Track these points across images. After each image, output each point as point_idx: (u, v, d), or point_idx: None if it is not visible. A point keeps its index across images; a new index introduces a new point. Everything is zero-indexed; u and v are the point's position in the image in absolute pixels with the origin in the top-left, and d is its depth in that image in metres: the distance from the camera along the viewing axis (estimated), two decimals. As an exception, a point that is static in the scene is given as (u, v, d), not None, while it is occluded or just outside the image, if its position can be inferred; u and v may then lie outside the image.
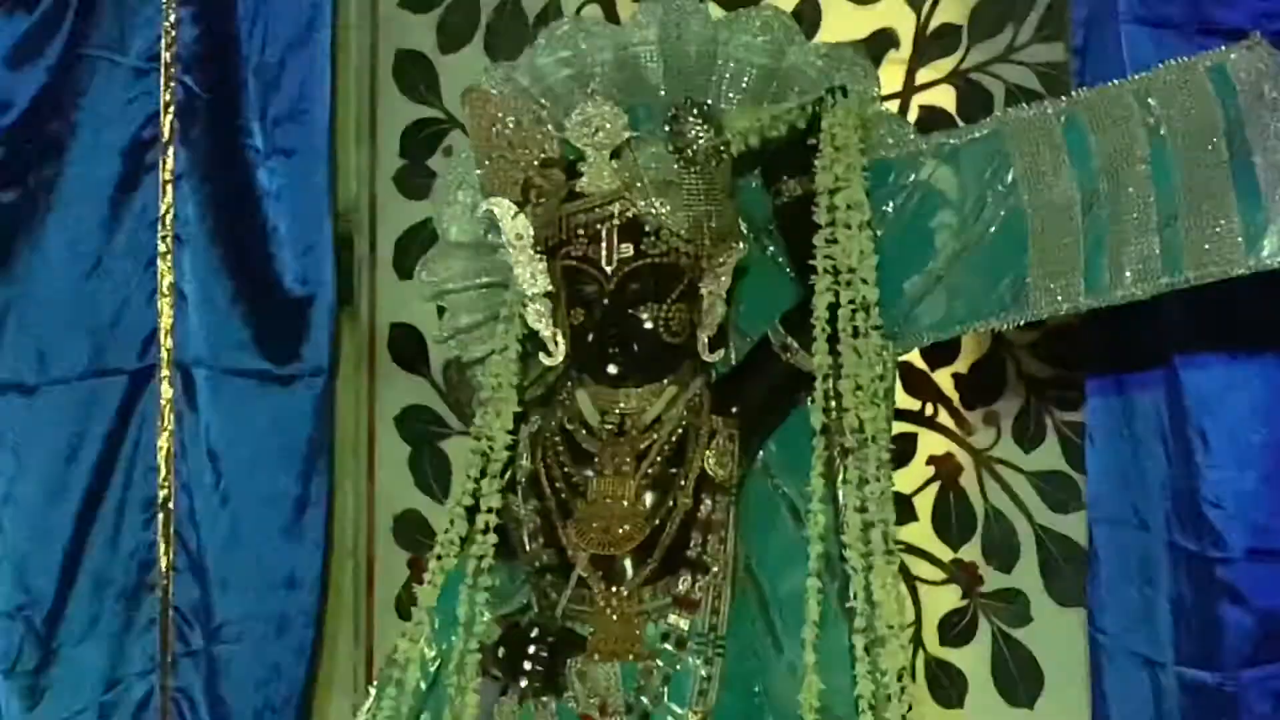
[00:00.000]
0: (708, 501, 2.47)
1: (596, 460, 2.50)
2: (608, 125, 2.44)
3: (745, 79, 2.57)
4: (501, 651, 2.48)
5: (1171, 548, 2.71)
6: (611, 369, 2.48)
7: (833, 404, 2.42)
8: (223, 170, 2.93)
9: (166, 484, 2.95)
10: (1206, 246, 2.35)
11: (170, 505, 2.95)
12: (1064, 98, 2.49)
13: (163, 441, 2.95)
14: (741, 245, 2.53)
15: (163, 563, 2.95)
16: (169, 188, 2.92)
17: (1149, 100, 2.40)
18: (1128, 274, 2.39)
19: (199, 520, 2.95)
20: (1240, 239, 2.34)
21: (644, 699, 2.45)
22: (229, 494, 2.96)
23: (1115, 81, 2.48)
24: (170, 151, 2.92)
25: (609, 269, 2.44)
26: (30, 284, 2.92)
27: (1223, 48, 2.40)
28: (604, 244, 2.45)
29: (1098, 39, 2.70)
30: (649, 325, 2.46)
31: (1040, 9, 2.97)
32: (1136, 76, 2.46)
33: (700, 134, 2.44)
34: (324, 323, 2.93)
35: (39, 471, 2.95)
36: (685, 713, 2.45)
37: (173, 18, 2.89)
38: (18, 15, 2.88)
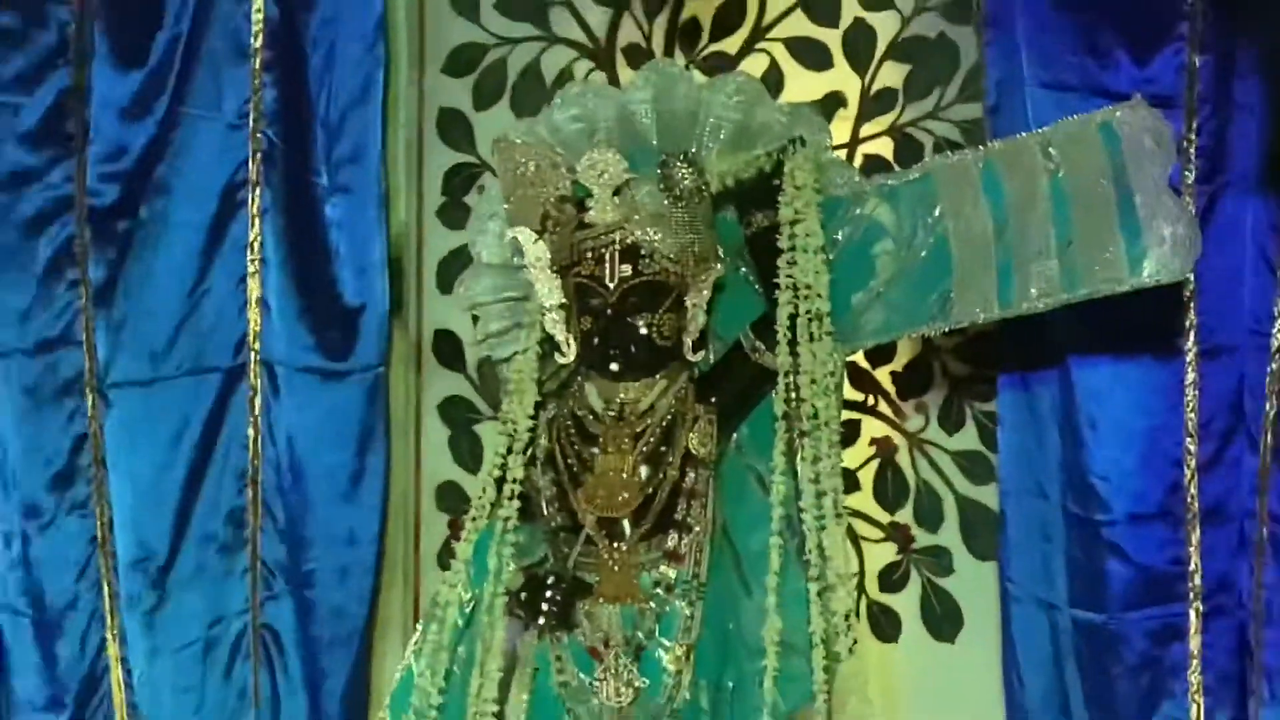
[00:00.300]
0: (691, 474, 2.53)
1: (601, 440, 2.55)
2: (611, 168, 2.51)
3: (722, 131, 2.60)
4: (524, 596, 2.54)
5: (1066, 513, 2.75)
6: (613, 366, 2.53)
7: (792, 395, 2.47)
8: (296, 206, 2.93)
9: (255, 460, 2.97)
10: (1096, 268, 2.41)
11: (258, 477, 2.97)
12: (981, 147, 2.54)
13: (251, 426, 2.97)
14: (719, 266, 2.57)
15: (252, 524, 2.98)
16: (256, 220, 2.94)
17: (1050, 149, 2.45)
18: (1032, 290, 2.45)
19: (281, 489, 2.96)
20: (1124, 262, 2.40)
21: (639, 634, 2.52)
22: (302, 468, 2.96)
23: (1022, 134, 2.54)
24: (256, 191, 2.93)
25: (611, 285, 2.50)
26: (144, 299, 2.92)
27: (1109, 107, 2.45)
28: (607, 265, 2.51)
29: (1009, 100, 2.74)
30: (644, 331, 2.52)
31: (962, 75, 2.99)
32: (1040, 130, 2.51)
33: (686, 176, 2.51)
34: (373, 328, 2.93)
35: (153, 450, 2.95)
36: (673, 645, 2.51)
37: (257, 82, 2.92)
38: (129, 74, 2.91)
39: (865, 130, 3.03)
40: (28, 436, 2.99)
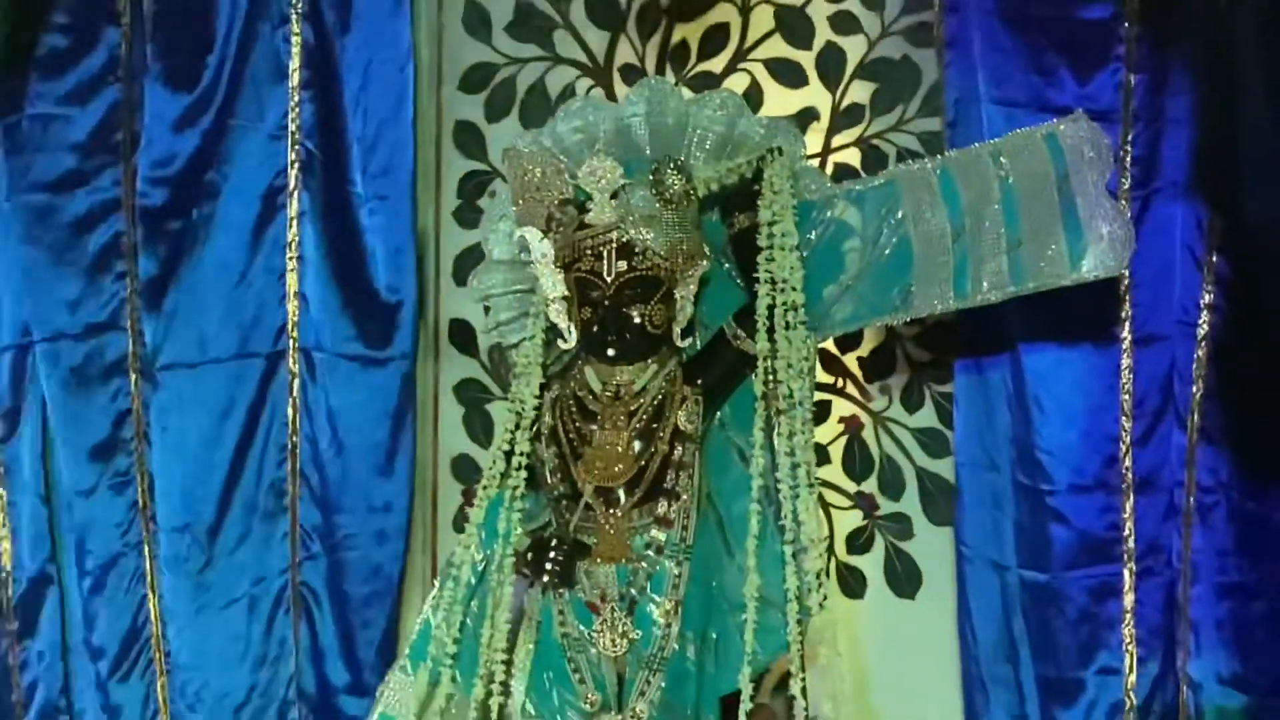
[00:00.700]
0: (680, 448, 2.55)
1: (599, 418, 2.58)
2: (608, 175, 2.53)
3: (708, 142, 2.63)
4: (530, 556, 2.56)
5: (1014, 483, 2.78)
6: (610, 352, 2.56)
7: (770, 377, 2.50)
8: (335, 210, 2.95)
9: (293, 436, 2.99)
10: (1042, 264, 2.46)
11: (296, 452, 3.00)
12: (939, 156, 2.57)
13: (290, 406, 2.99)
14: (705, 262, 2.60)
15: (291, 493, 3.00)
16: (294, 222, 2.97)
17: (1001, 159, 2.50)
18: (985, 284, 2.50)
19: (320, 462, 2.98)
20: (1066, 259, 2.46)
21: (633, 591, 2.55)
22: (343, 444, 2.99)
23: (977, 145, 2.56)
24: (295, 196, 2.96)
25: (609, 279, 2.52)
26: (193, 291, 2.95)
27: (1054, 120, 2.49)
28: (605, 261, 2.53)
29: (965, 114, 2.76)
30: (637, 320, 2.54)
31: (922, 93, 2.99)
32: (992, 141, 2.55)
33: (675, 182, 2.51)
34: (408, 320, 2.96)
35: (201, 426, 2.97)
36: (663, 600, 2.53)
37: (296, 99, 2.95)
38: (180, 93, 2.94)
39: (835, 141, 3.02)
40: (74, 412, 3.01)
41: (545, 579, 2.59)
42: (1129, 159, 2.71)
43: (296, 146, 2.98)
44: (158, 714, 3.02)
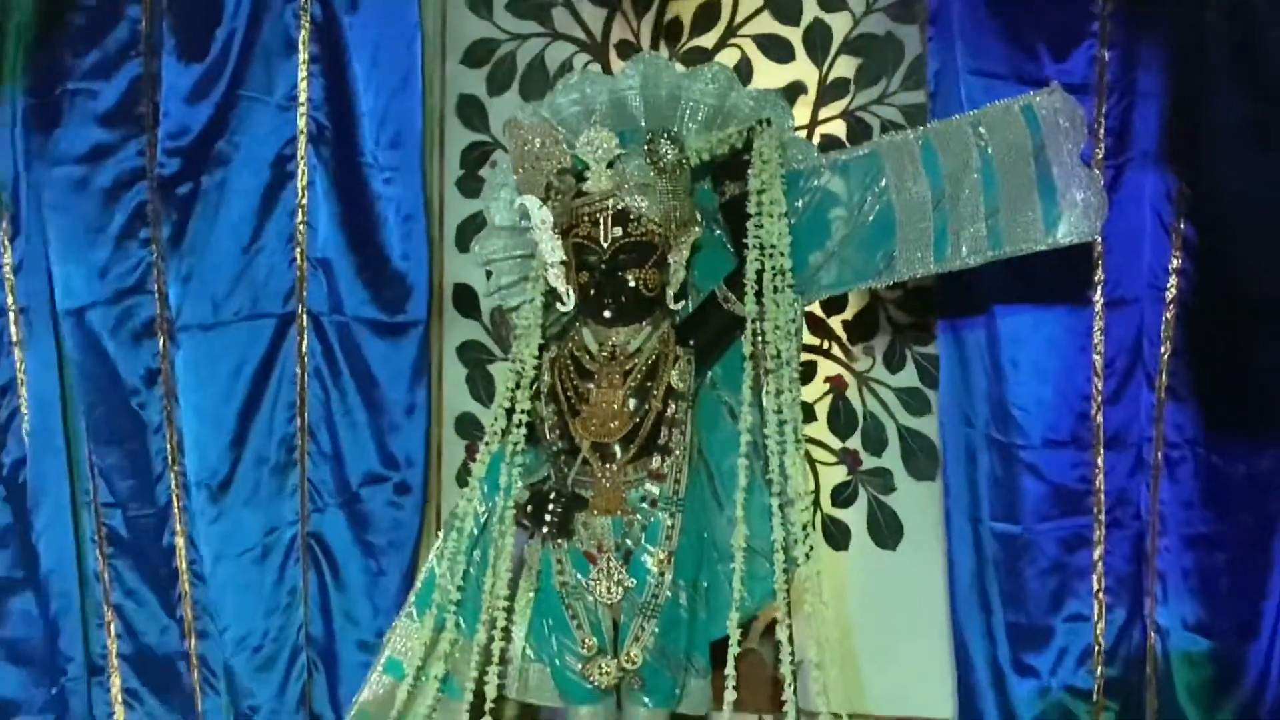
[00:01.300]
0: (672, 405, 2.50)
1: (596, 377, 2.53)
2: (604, 145, 2.47)
3: (700, 114, 2.58)
4: (529, 508, 2.52)
5: (989, 439, 2.76)
6: (606, 314, 2.50)
7: (759, 339, 2.45)
8: (347, 180, 2.94)
9: (302, 394, 2.97)
10: (1018, 230, 2.41)
11: (305, 409, 2.98)
12: (921, 127, 2.52)
13: (299, 364, 2.97)
14: (697, 229, 2.55)
15: (300, 448, 2.98)
16: (303, 190, 2.94)
17: (980, 129, 2.44)
18: (964, 249, 2.45)
19: (333, 420, 2.98)
20: (1042, 225, 2.41)
21: (628, 541, 2.50)
22: (360, 402, 2.98)
23: (957, 116, 2.52)
24: (303, 164, 2.94)
25: (605, 245, 2.47)
26: (207, 254, 2.94)
27: (1031, 92, 2.44)
28: (601, 227, 2.47)
29: (945, 87, 2.73)
30: (632, 284, 2.49)
31: (905, 67, 2.98)
32: (972, 112, 2.49)
33: (669, 152, 2.47)
34: (421, 286, 2.94)
35: (215, 384, 2.96)
36: (656, 550, 2.49)
37: (305, 72, 2.92)
38: (192, 65, 2.91)
39: (822, 114, 3.00)
40: (109, 373, 3.00)
41: (544, 530, 2.55)
42: (1102, 130, 2.69)
43: (305, 118, 2.95)
44: (188, 653, 3.05)
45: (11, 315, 3.02)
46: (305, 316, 2.97)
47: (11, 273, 3.03)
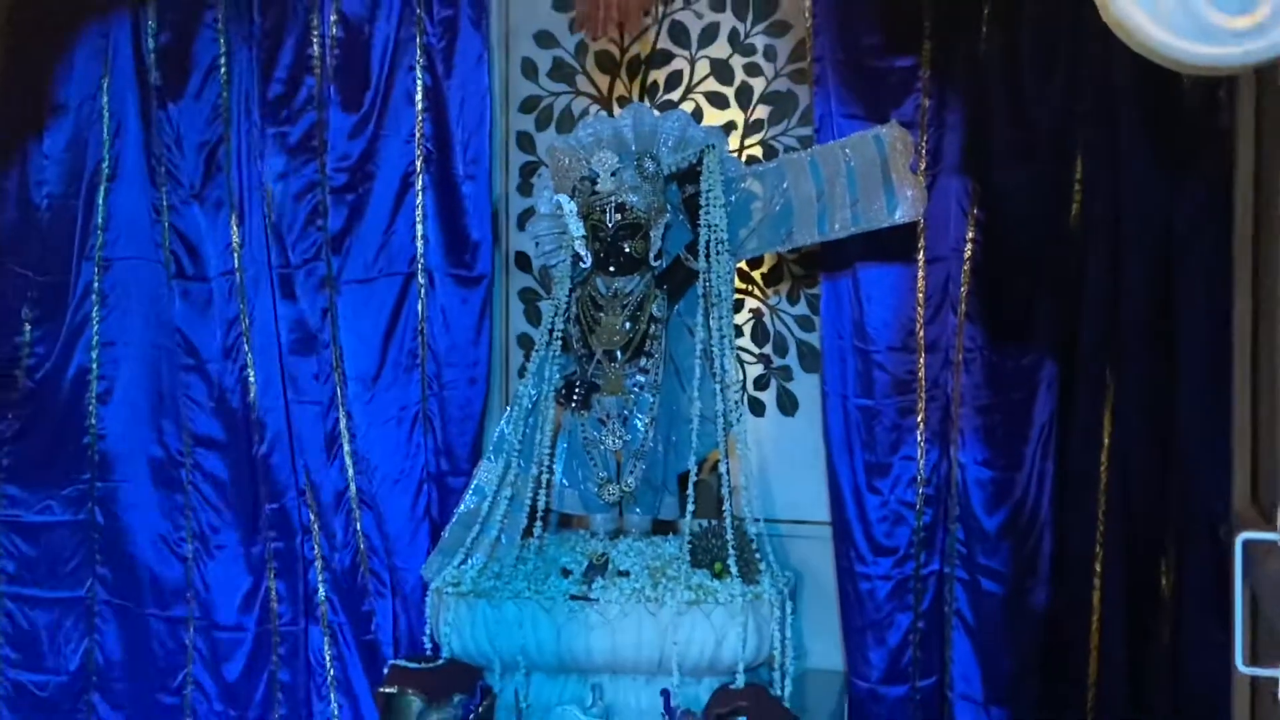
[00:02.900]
0: (653, 326, 2.61)
1: (604, 309, 2.62)
2: (609, 162, 2.57)
3: (670, 141, 2.66)
4: (563, 391, 2.61)
5: (854, 347, 2.73)
6: (611, 268, 2.61)
7: (708, 283, 2.55)
8: (445, 186, 2.93)
9: (422, 323, 2.97)
10: (870, 214, 2.52)
11: (424, 331, 2.97)
12: (809, 149, 2.63)
13: (420, 303, 2.97)
14: (668, 215, 2.63)
15: (421, 356, 2.97)
16: (421, 194, 2.95)
17: (846, 150, 2.55)
18: (837, 226, 2.55)
19: (434, 337, 2.96)
20: (885, 210, 2.50)
21: (625, 411, 2.61)
22: (450, 326, 2.97)
23: (833, 142, 2.59)
24: (419, 178, 2.95)
25: (610, 225, 2.56)
26: (362, 235, 2.96)
27: (879, 126, 2.54)
28: (607, 214, 2.57)
29: (825, 124, 2.70)
30: (627, 250, 2.58)
31: (799, 112, 2.91)
32: (841, 139, 2.58)
33: (650, 166, 2.58)
34: (487, 252, 2.94)
35: (367, 317, 2.98)
36: (644, 417, 2.60)
37: (419, 119, 2.93)
38: (350, 115, 2.95)
39: (747, 142, 2.99)
40: (299, 313, 3.02)
41: (573, 404, 2.64)
42: (924, 150, 2.68)
43: (420, 148, 2.97)
44: (348, 486, 3.00)
45: (238, 275, 3.02)
46: (420, 273, 2.97)
47: (238, 247, 3.02)
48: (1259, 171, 1.60)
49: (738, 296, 2.93)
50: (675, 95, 3.02)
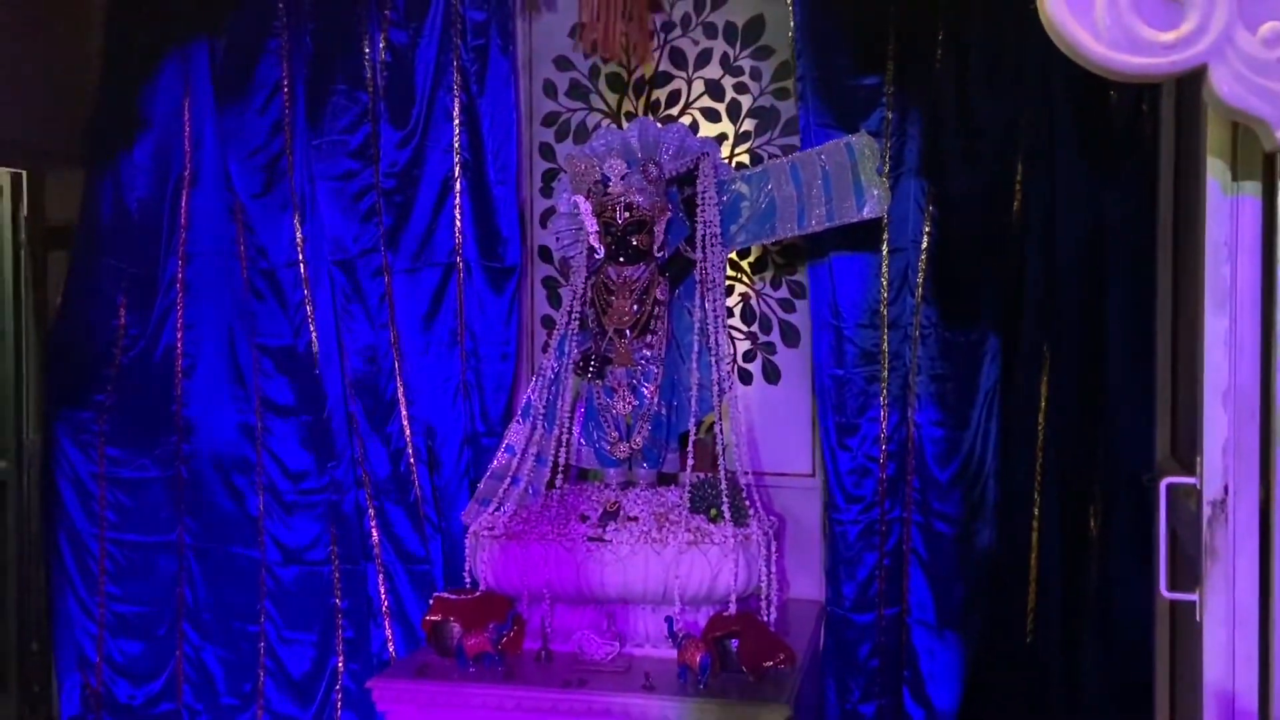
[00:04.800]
0: (657, 308, 2.59)
1: (615, 293, 2.61)
2: (619, 168, 2.55)
3: (670, 150, 2.63)
4: (581, 364, 2.61)
5: (830, 324, 2.68)
6: (621, 259, 2.59)
7: (704, 271, 2.53)
8: (479, 189, 2.90)
9: (460, 305, 2.93)
10: (843, 211, 2.51)
11: (461, 312, 2.93)
12: (790, 155, 2.61)
13: (457, 290, 2.93)
14: (669, 213, 2.61)
15: (459, 332, 2.93)
16: (459, 196, 2.91)
17: (822, 156, 2.53)
18: (813, 222, 2.53)
19: (472, 320, 2.91)
20: (855, 208, 2.50)
21: (634, 381, 2.60)
22: (484, 309, 2.92)
23: (810, 149, 2.58)
24: (458, 183, 2.91)
25: (620, 221, 2.54)
26: (408, 230, 2.93)
27: (850, 135, 2.53)
28: (618, 212, 2.55)
29: (806, 135, 2.67)
30: (635, 243, 2.56)
31: (782, 124, 2.89)
32: (818, 147, 2.56)
33: (654, 171, 2.55)
34: (516, 247, 2.90)
35: (415, 300, 2.94)
36: (649, 385, 2.59)
37: (457, 131, 2.90)
38: (398, 129, 2.91)
39: (737, 150, 2.95)
40: (360, 296, 2.97)
41: (590, 375, 2.64)
42: (888, 156, 2.64)
43: (458, 156, 2.94)
44: (405, 444, 2.97)
45: (302, 265, 3.00)
46: (459, 263, 2.94)
47: (302, 240, 3.00)
48: (1178, 165, 1.60)
49: (729, 282, 2.92)
50: (675, 110, 3.00)
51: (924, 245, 2.66)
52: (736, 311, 3.00)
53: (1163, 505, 1.23)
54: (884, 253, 2.68)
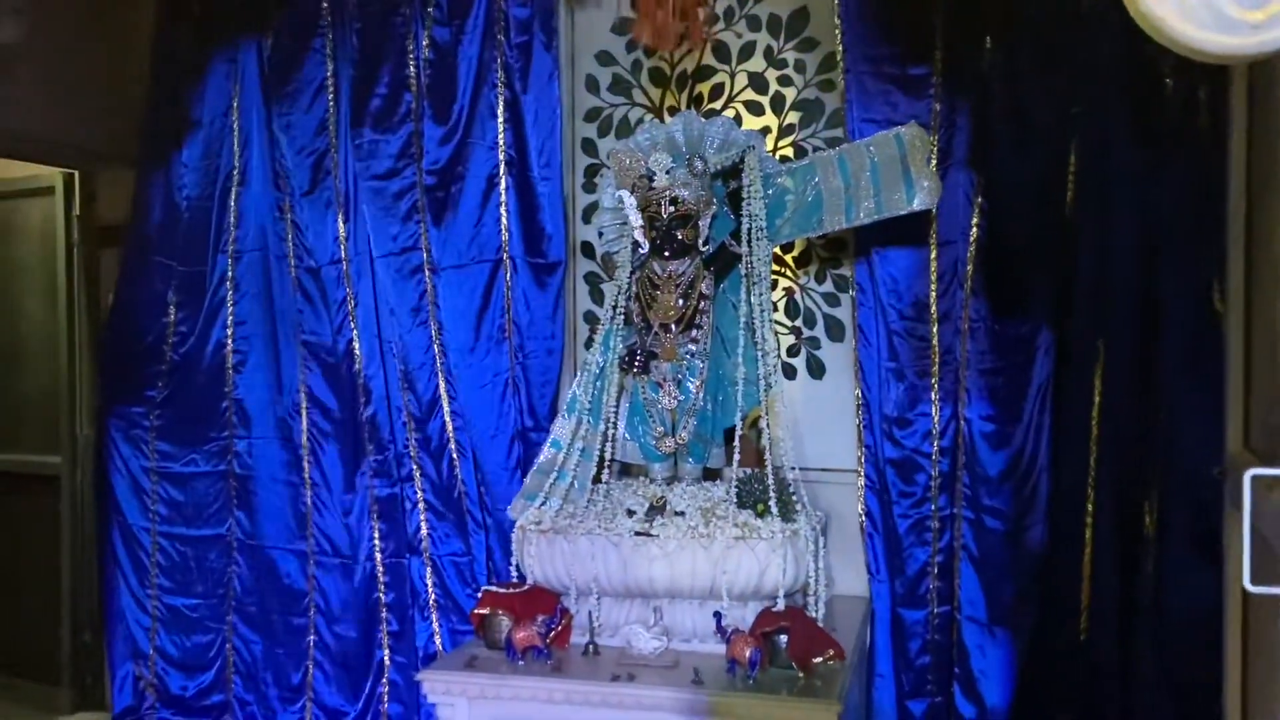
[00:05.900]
0: (702, 302, 2.56)
1: (660, 288, 2.57)
2: (664, 162, 2.53)
3: (715, 144, 2.59)
4: (626, 358, 2.57)
5: (881, 316, 2.67)
6: (666, 253, 2.55)
7: (749, 265, 2.49)
8: (523, 186, 2.89)
9: (508, 301, 2.91)
10: (892, 203, 2.45)
11: (510, 308, 2.91)
12: (837, 148, 2.56)
13: (505, 285, 2.91)
14: (714, 206, 2.58)
15: (508, 328, 2.91)
16: (504, 193, 2.90)
17: (870, 148, 2.48)
18: (861, 214, 2.48)
19: (519, 316, 2.90)
20: (905, 200, 2.43)
21: (679, 375, 2.57)
22: (529, 304, 2.91)
23: (858, 141, 2.53)
24: (502, 180, 2.90)
25: (665, 215, 2.51)
26: (455, 228, 2.90)
27: (899, 127, 2.47)
28: (662, 206, 2.52)
29: (850, 127, 2.64)
30: (680, 237, 2.53)
31: (826, 116, 2.87)
32: (866, 139, 2.51)
33: (699, 164, 2.52)
34: (560, 243, 2.89)
35: (461, 298, 2.92)
36: (695, 380, 2.56)
37: (501, 129, 2.89)
38: (441, 126, 2.90)
39: (782, 143, 2.93)
40: (399, 294, 2.97)
41: (635, 370, 2.60)
42: (936, 148, 2.61)
43: (502, 153, 2.92)
44: (448, 440, 2.97)
45: (344, 263, 3.00)
46: (506, 259, 2.92)
47: (345, 238, 3.00)
48: (1250, 153, 1.54)
49: (774, 276, 2.89)
50: (718, 104, 2.97)
51: (973, 237, 2.60)
52: (781, 306, 2.96)
53: (1247, 497, 1.17)
54: (932, 245, 2.64)
